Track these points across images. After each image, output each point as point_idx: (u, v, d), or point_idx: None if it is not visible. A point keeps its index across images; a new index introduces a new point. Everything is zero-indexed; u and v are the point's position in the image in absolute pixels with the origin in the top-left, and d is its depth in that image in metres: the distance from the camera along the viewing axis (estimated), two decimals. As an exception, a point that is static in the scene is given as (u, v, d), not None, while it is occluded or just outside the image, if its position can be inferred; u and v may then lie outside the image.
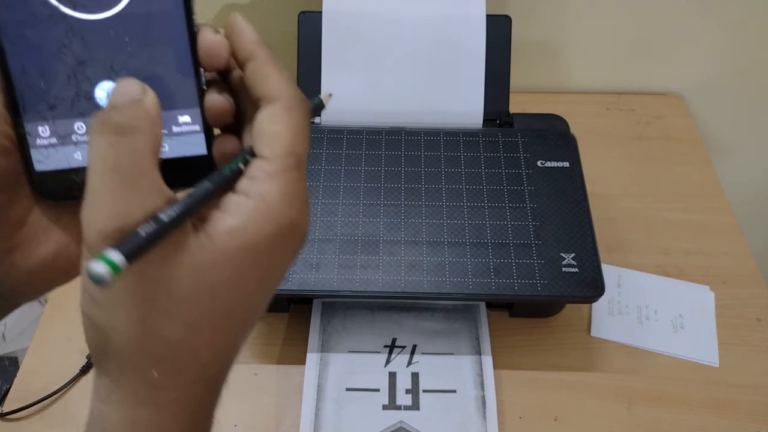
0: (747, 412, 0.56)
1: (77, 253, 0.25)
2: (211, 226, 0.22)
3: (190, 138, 0.26)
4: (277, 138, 0.23)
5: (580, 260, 0.54)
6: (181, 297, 0.22)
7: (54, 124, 0.24)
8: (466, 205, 0.58)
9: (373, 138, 0.62)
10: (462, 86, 0.64)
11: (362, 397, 0.55)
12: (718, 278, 0.65)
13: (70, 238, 0.26)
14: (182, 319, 0.22)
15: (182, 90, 0.25)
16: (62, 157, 0.25)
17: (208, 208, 0.23)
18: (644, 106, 0.82)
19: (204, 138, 0.26)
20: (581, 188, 0.59)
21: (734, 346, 0.60)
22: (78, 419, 0.55)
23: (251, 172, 0.23)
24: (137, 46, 0.24)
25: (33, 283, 0.25)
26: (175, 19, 0.25)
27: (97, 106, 0.25)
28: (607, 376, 0.58)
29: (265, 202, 0.22)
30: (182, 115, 0.25)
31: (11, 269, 0.24)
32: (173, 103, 0.25)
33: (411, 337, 0.59)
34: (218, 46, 0.25)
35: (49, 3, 0.23)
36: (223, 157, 0.26)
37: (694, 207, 0.71)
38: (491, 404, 0.54)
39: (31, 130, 0.24)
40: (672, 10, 0.76)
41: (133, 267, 0.20)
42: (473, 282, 0.53)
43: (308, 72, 0.65)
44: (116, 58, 0.24)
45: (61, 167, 0.25)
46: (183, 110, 0.25)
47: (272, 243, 0.23)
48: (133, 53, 0.24)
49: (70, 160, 0.25)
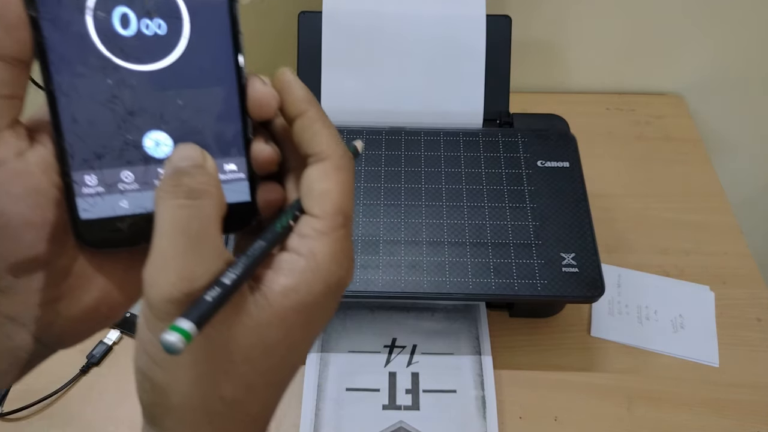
0: (747, 412, 0.56)
1: (119, 301, 0.26)
2: (266, 287, 0.23)
3: (235, 185, 0.26)
4: (327, 196, 0.24)
5: (580, 260, 0.54)
6: (240, 358, 0.22)
7: (101, 173, 0.24)
8: (466, 205, 0.58)
9: (373, 138, 0.62)
10: (462, 86, 0.64)
11: (362, 397, 0.55)
12: (718, 278, 0.65)
13: (112, 286, 0.26)
14: (240, 380, 0.23)
15: (229, 139, 0.25)
16: (108, 205, 0.25)
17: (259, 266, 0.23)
18: (644, 106, 0.82)
19: (249, 185, 0.26)
20: (581, 188, 0.59)
21: (734, 346, 0.60)
22: (78, 419, 0.55)
23: (301, 230, 0.24)
24: (187, 96, 0.25)
25: (75, 331, 0.26)
26: (225, 70, 0.25)
27: (146, 155, 0.25)
28: (607, 376, 0.58)
29: (315, 261, 0.23)
30: (228, 164, 0.26)
31: (56, 318, 0.24)
32: (220, 152, 0.25)
33: (411, 337, 0.59)
34: (268, 98, 0.25)
35: (103, 55, 0.23)
36: (265, 203, 0.26)
37: (694, 207, 0.71)
38: (491, 404, 0.55)
39: (78, 179, 0.24)
40: (672, 10, 0.76)
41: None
42: (473, 282, 0.53)
43: (308, 71, 0.65)
44: (166, 108, 0.25)
45: (106, 215, 0.25)
46: (229, 159, 0.26)
47: (322, 300, 0.24)
48: (183, 103, 0.25)
49: (116, 209, 0.25)
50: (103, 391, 0.57)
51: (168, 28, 0.24)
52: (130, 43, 0.24)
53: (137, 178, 0.25)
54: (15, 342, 0.24)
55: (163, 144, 0.25)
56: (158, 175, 0.25)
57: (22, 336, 0.24)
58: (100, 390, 0.57)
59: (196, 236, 0.21)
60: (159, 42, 0.24)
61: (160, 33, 0.24)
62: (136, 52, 0.24)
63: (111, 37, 0.23)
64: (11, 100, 0.22)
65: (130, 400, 0.56)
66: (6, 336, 0.24)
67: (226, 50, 0.25)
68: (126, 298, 0.26)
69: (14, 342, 0.24)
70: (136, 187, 0.25)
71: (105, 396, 0.56)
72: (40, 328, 0.24)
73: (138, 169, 0.25)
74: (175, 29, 0.24)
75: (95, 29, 0.23)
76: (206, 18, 0.24)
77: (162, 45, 0.24)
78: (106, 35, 0.23)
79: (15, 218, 0.22)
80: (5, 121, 0.22)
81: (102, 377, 0.58)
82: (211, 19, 0.24)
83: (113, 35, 0.23)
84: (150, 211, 0.25)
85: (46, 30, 0.23)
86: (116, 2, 0.23)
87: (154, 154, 0.25)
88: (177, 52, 0.24)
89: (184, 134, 0.25)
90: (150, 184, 0.25)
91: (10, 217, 0.22)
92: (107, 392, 0.57)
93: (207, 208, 0.22)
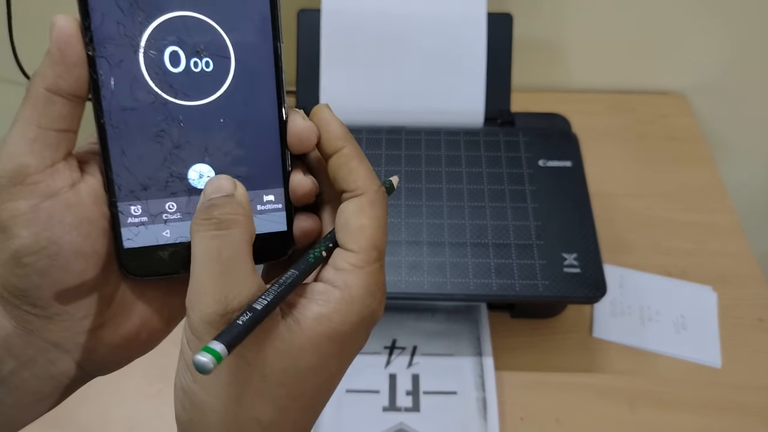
0: (749, 413, 0.55)
1: (158, 327, 0.27)
2: (299, 313, 0.24)
3: (272, 216, 0.27)
4: (362, 232, 0.25)
5: (582, 260, 0.54)
6: (274, 381, 0.23)
7: (146, 203, 0.25)
8: (467, 205, 0.57)
9: (373, 137, 0.62)
10: (463, 85, 0.64)
11: (362, 399, 0.55)
12: (720, 279, 0.64)
13: (152, 313, 0.27)
14: (274, 402, 0.23)
15: (269, 171, 0.27)
16: (152, 235, 0.26)
17: (293, 295, 0.24)
18: (646, 105, 0.82)
19: (285, 216, 0.27)
20: (583, 188, 0.58)
21: (736, 347, 0.59)
22: (78, 419, 0.55)
23: (336, 263, 0.25)
24: (231, 130, 0.26)
25: (115, 357, 0.27)
26: (268, 106, 0.26)
27: (190, 187, 0.26)
28: (609, 377, 0.58)
29: (350, 294, 0.24)
30: (267, 195, 0.27)
31: (98, 344, 0.25)
32: (260, 183, 0.27)
33: (411, 338, 0.58)
34: (308, 132, 0.26)
35: (154, 90, 0.25)
36: (302, 233, 0.27)
37: (696, 207, 0.71)
38: (492, 405, 0.54)
39: (124, 209, 0.25)
40: (674, 9, 0.76)
41: (234, 351, 0.21)
42: (474, 283, 0.53)
43: (307, 70, 0.64)
44: (210, 142, 0.26)
45: (149, 244, 0.26)
46: (268, 190, 0.27)
47: (355, 330, 0.25)
48: (227, 137, 0.26)
49: (159, 238, 0.26)
50: (101, 392, 0.56)
51: (215, 65, 0.25)
52: (179, 80, 0.25)
53: (180, 208, 0.26)
54: (58, 368, 0.25)
55: (206, 176, 0.26)
56: None
57: (65, 362, 0.25)
58: (97, 391, 0.56)
59: (227, 262, 0.22)
60: (206, 79, 0.25)
61: (207, 70, 0.25)
62: (184, 88, 0.25)
63: (161, 74, 0.25)
64: (67, 133, 0.24)
65: (126, 402, 0.56)
66: (50, 362, 0.25)
67: (269, 87, 0.26)
68: (165, 325, 0.28)
69: (57, 368, 0.25)
70: (178, 217, 0.26)
71: (101, 398, 0.56)
72: (82, 354, 0.25)
73: (181, 199, 0.26)
74: (222, 67, 0.25)
75: (146, 66, 0.24)
76: (252, 57, 0.25)
77: (209, 81, 0.25)
78: (156, 72, 0.24)
79: (66, 247, 0.23)
80: (60, 153, 0.24)
81: (99, 378, 0.57)
82: (257, 58, 0.25)
83: (163, 72, 0.25)
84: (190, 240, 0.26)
85: (101, 67, 0.24)
86: (168, 42, 0.24)
87: (198, 186, 0.26)
88: (223, 88, 0.25)
89: (226, 166, 0.26)
90: (192, 214, 0.26)
91: (61, 246, 0.23)
92: (103, 394, 0.56)
93: (236, 237, 0.23)
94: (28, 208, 0.23)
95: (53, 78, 0.23)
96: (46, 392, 0.26)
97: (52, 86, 0.23)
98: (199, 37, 0.25)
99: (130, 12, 0.24)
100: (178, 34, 0.24)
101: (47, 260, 0.23)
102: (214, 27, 0.25)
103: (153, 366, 0.58)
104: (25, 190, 0.23)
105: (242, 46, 0.25)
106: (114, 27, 0.24)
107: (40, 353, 0.25)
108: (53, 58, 0.23)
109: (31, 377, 0.25)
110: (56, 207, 0.23)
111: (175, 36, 0.24)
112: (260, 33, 0.25)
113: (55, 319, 0.24)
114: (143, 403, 0.56)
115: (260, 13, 0.25)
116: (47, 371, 0.25)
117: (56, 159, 0.23)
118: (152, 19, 0.24)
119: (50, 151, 0.23)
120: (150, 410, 0.55)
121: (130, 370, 0.51)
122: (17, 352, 0.24)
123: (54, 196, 0.23)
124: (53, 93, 0.23)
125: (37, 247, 0.23)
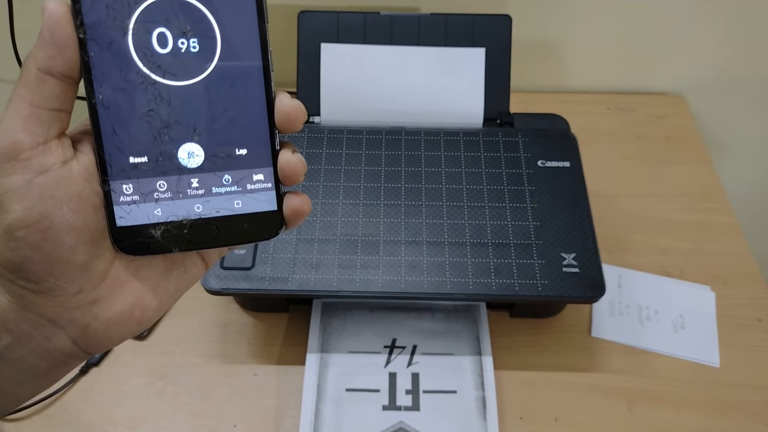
0: (748, 413, 0.55)
1: (152, 305, 0.28)
2: None
3: (262, 195, 0.28)
4: None
5: (580, 260, 0.54)
6: None
7: (137, 182, 0.26)
8: (467, 205, 0.58)
9: (373, 138, 0.62)
10: (462, 86, 0.64)
11: (362, 398, 0.55)
12: (719, 278, 0.64)
13: (146, 291, 0.27)
14: None
15: (258, 150, 0.27)
16: (143, 213, 0.26)
17: None
18: (645, 106, 0.82)
19: (275, 195, 0.28)
20: (582, 188, 0.59)
21: (735, 347, 0.60)
22: (77, 419, 0.55)
23: None
24: (219, 110, 0.26)
25: (109, 334, 0.27)
26: (255, 85, 0.26)
27: (180, 166, 0.26)
28: (608, 376, 0.58)
29: None
30: (257, 174, 0.27)
31: (92, 321, 0.26)
32: (249, 163, 0.27)
33: (411, 338, 0.59)
34: (296, 111, 0.27)
35: (142, 71, 0.25)
36: (292, 211, 0.28)
37: (694, 207, 0.71)
38: (491, 405, 0.54)
39: (116, 188, 0.26)
40: (673, 10, 0.76)
41: None
42: (473, 282, 0.53)
43: (308, 71, 0.65)
44: (199, 121, 0.26)
45: (141, 222, 0.26)
46: (258, 169, 0.27)
47: None
48: (215, 116, 0.26)
49: (150, 216, 0.26)
50: (102, 391, 0.57)
51: (201, 45, 0.26)
52: (167, 60, 0.25)
53: (170, 187, 0.26)
54: (53, 344, 0.26)
55: (196, 155, 0.26)
56: (191, 185, 0.27)
57: (60, 338, 0.26)
58: (99, 390, 0.57)
59: None
60: (193, 58, 0.26)
61: (194, 50, 0.26)
62: (172, 68, 0.25)
63: (149, 54, 0.25)
64: (59, 113, 0.24)
65: (129, 400, 0.56)
66: (45, 338, 0.25)
67: (255, 67, 0.26)
68: (158, 303, 0.28)
69: (53, 344, 0.26)
70: (169, 195, 0.27)
71: (104, 396, 0.56)
72: (77, 330, 0.26)
73: (172, 178, 0.26)
74: (209, 47, 0.26)
75: (135, 48, 0.25)
76: (238, 36, 0.26)
77: (196, 61, 0.26)
78: (144, 53, 0.25)
79: (58, 221, 0.24)
80: (53, 132, 0.24)
81: (101, 377, 0.58)
82: (242, 38, 0.26)
83: (151, 53, 0.25)
84: (182, 218, 0.27)
85: (91, 49, 0.24)
86: (155, 23, 0.25)
87: (187, 165, 0.26)
88: (210, 68, 0.26)
89: (215, 146, 0.27)
90: (183, 193, 0.27)
91: (53, 221, 0.24)
92: (106, 392, 0.57)
93: None
94: (21, 182, 0.23)
95: (45, 59, 0.24)
96: (43, 368, 0.26)
97: (44, 66, 0.24)
98: (186, 19, 0.25)
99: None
100: (165, 16, 0.25)
101: (39, 234, 0.24)
102: (199, 8, 0.25)
103: (154, 365, 0.59)
104: (18, 165, 0.23)
105: (228, 26, 0.26)
106: (103, 10, 0.24)
107: (35, 328, 0.25)
108: (44, 39, 0.24)
109: (28, 352, 0.25)
110: (48, 182, 0.24)
111: (162, 18, 0.25)
112: (246, 13, 0.26)
113: (48, 294, 0.25)
114: (145, 401, 0.56)
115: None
116: (43, 347, 0.26)
117: (49, 137, 0.24)
118: (140, 3, 0.25)
119: (43, 129, 0.24)
120: (152, 408, 0.55)
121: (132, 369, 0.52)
122: (12, 327, 0.25)
123: (46, 172, 0.24)
124: (45, 73, 0.24)
125: (30, 221, 0.23)
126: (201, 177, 0.27)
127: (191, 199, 0.27)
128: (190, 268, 0.29)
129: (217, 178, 0.27)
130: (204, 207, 0.27)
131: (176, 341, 0.59)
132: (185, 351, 0.59)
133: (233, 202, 0.27)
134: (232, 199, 0.27)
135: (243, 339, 0.60)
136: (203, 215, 0.27)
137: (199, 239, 0.27)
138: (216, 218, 0.27)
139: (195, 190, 0.27)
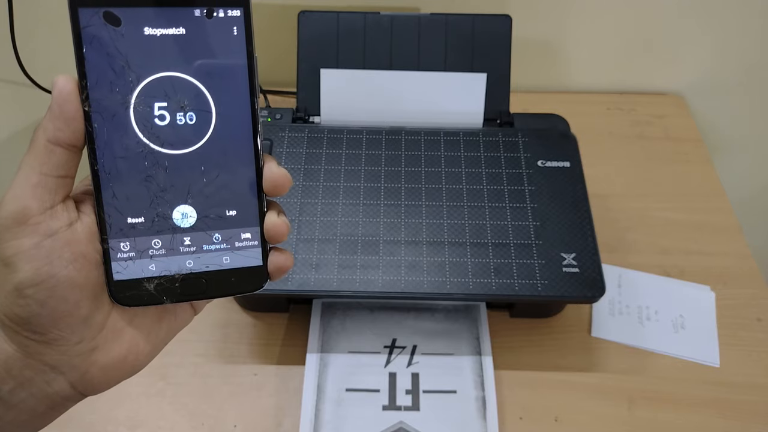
0: (747, 413, 0.55)
1: (145, 351, 0.30)
2: None
3: (249, 251, 0.30)
4: None
5: (580, 260, 0.54)
6: None
7: (134, 240, 0.28)
8: (467, 205, 0.58)
9: (373, 138, 0.62)
10: (462, 86, 0.64)
11: (362, 398, 0.55)
12: (718, 278, 0.64)
13: (140, 337, 0.29)
14: None
15: (246, 212, 0.29)
16: (139, 268, 0.28)
17: None
18: (645, 106, 0.82)
19: (261, 252, 0.30)
20: (582, 188, 0.59)
21: (735, 347, 0.60)
22: (77, 420, 0.55)
23: None
24: (211, 175, 0.29)
25: (106, 378, 0.29)
26: (245, 154, 0.29)
27: (174, 225, 0.29)
28: (608, 376, 0.58)
29: None
30: (245, 233, 0.30)
31: (91, 366, 0.28)
32: (238, 222, 0.29)
33: (411, 338, 0.59)
34: (282, 179, 0.29)
35: (142, 141, 0.27)
36: (275, 268, 0.30)
37: (694, 207, 0.71)
38: (491, 405, 0.54)
39: (114, 246, 0.28)
40: (673, 10, 0.76)
41: None
42: (473, 282, 0.53)
43: (308, 71, 0.65)
44: (193, 185, 0.28)
45: (136, 277, 0.28)
46: (246, 228, 0.30)
47: None
48: (208, 181, 0.29)
49: (145, 271, 0.28)
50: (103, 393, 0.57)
51: (198, 118, 0.28)
52: (165, 132, 0.28)
53: (165, 244, 0.29)
54: (53, 388, 0.27)
55: (189, 216, 0.29)
56: (183, 243, 0.29)
57: (60, 382, 0.28)
58: (100, 390, 0.57)
59: None
60: (189, 130, 0.28)
61: (190, 123, 0.28)
62: (170, 138, 0.28)
63: (149, 126, 0.27)
64: (65, 179, 0.27)
65: (129, 400, 0.56)
66: (46, 383, 0.27)
67: (246, 138, 0.29)
68: (151, 348, 0.30)
69: (53, 388, 0.27)
70: (163, 252, 0.29)
71: (104, 396, 0.56)
72: (76, 375, 0.28)
73: (166, 237, 0.29)
74: (204, 120, 0.28)
75: (135, 120, 0.27)
76: (231, 110, 0.28)
77: (192, 133, 0.28)
78: (144, 125, 0.27)
79: (63, 280, 0.26)
80: (59, 197, 0.26)
81: (101, 377, 0.58)
82: (235, 112, 0.28)
83: (151, 125, 0.27)
84: (174, 273, 0.29)
85: (95, 121, 0.27)
86: (155, 98, 0.27)
87: (181, 225, 0.29)
88: (204, 139, 0.28)
89: (207, 207, 0.29)
90: (176, 250, 0.29)
91: (59, 279, 0.26)
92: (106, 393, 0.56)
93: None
94: (31, 245, 0.25)
95: (53, 131, 0.26)
96: (41, 410, 0.28)
97: (53, 138, 0.26)
98: (184, 94, 0.27)
99: (122, 74, 0.26)
100: (164, 92, 0.27)
101: (46, 292, 0.26)
102: (197, 85, 0.28)
103: (155, 366, 0.59)
104: (28, 229, 0.25)
105: (222, 101, 0.28)
106: (107, 86, 0.26)
107: (37, 374, 0.27)
108: (54, 113, 0.26)
109: (29, 396, 0.27)
110: (56, 244, 0.26)
111: (162, 93, 0.27)
112: (239, 90, 0.28)
113: (52, 344, 0.27)
114: (145, 401, 0.56)
115: (239, 73, 0.28)
116: (43, 391, 0.27)
117: (55, 202, 0.26)
118: (141, 80, 0.27)
119: (50, 195, 0.26)
120: (152, 408, 0.55)
121: (132, 369, 0.50)
122: (16, 373, 0.27)
123: (53, 235, 0.26)
124: (53, 144, 0.26)
125: (38, 280, 0.25)
126: (193, 235, 0.29)
127: (183, 256, 0.29)
128: (180, 315, 0.31)
129: (208, 236, 0.29)
130: (195, 262, 0.29)
131: (176, 341, 0.59)
132: (185, 351, 0.59)
133: (222, 258, 0.29)
134: (221, 255, 0.29)
135: (243, 339, 0.60)
136: (194, 270, 0.29)
137: (189, 291, 0.29)
138: (206, 273, 0.29)
139: (187, 248, 0.29)
